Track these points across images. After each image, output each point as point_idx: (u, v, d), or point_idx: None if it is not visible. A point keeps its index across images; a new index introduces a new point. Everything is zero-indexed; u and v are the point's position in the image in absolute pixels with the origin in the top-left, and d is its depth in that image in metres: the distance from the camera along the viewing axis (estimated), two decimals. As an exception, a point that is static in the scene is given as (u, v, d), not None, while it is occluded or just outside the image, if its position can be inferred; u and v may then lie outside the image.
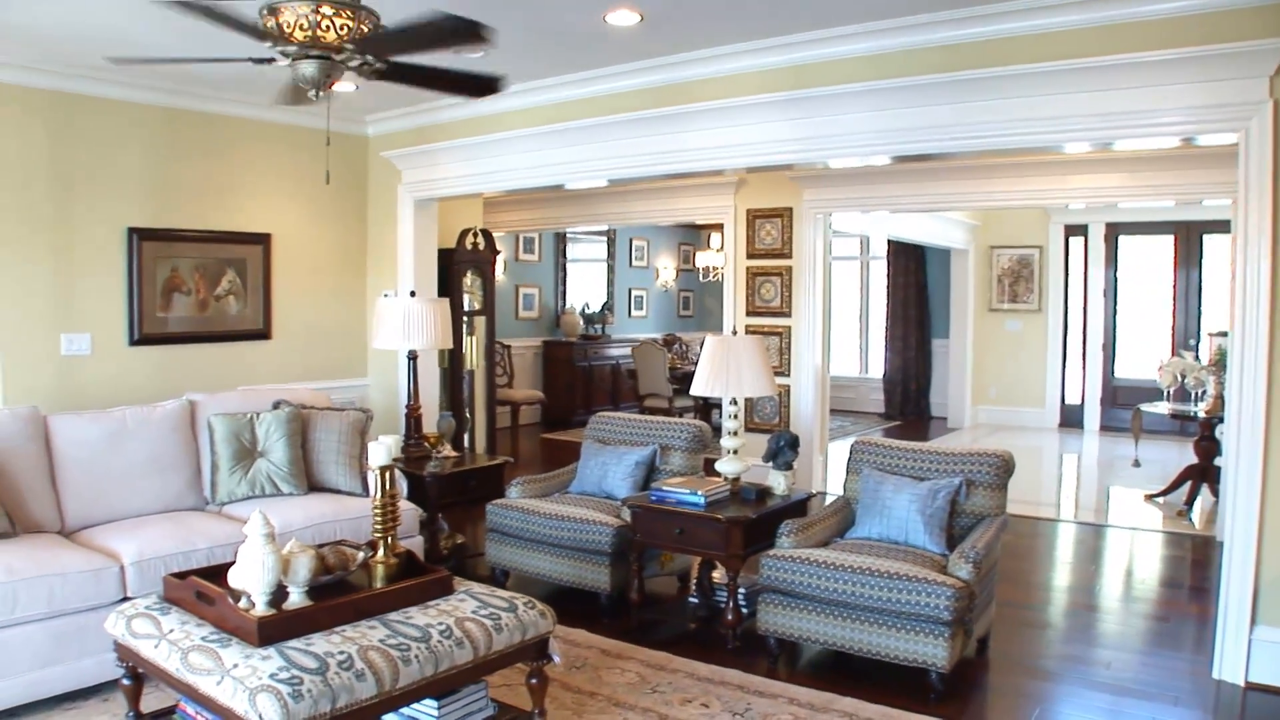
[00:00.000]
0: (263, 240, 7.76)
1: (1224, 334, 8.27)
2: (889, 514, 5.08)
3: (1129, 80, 4.83)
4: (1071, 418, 13.66)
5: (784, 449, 5.64)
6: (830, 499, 6.17)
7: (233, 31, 3.91)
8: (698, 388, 5.58)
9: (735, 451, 5.61)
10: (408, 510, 5.72)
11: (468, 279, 9.05)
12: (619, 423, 6.50)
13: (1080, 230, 13.47)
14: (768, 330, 9.34)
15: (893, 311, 14.90)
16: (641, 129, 6.57)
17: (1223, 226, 11.77)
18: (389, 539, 3.86)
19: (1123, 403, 12.90)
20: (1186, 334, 12.57)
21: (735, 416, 5.66)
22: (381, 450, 3.87)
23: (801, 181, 9.17)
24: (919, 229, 12.45)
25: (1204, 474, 8.38)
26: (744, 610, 5.29)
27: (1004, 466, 5.12)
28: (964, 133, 5.41)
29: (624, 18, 5.44)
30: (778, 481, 5.58)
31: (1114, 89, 4.88)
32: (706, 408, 12.09)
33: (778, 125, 6.03)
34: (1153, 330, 13.11)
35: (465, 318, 8.97)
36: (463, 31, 3.96)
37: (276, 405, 5.86)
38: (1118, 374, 13.46)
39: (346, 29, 3.95)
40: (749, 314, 9.54)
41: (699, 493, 5.26)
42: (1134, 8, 4.79)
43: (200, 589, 3.52)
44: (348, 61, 4.13)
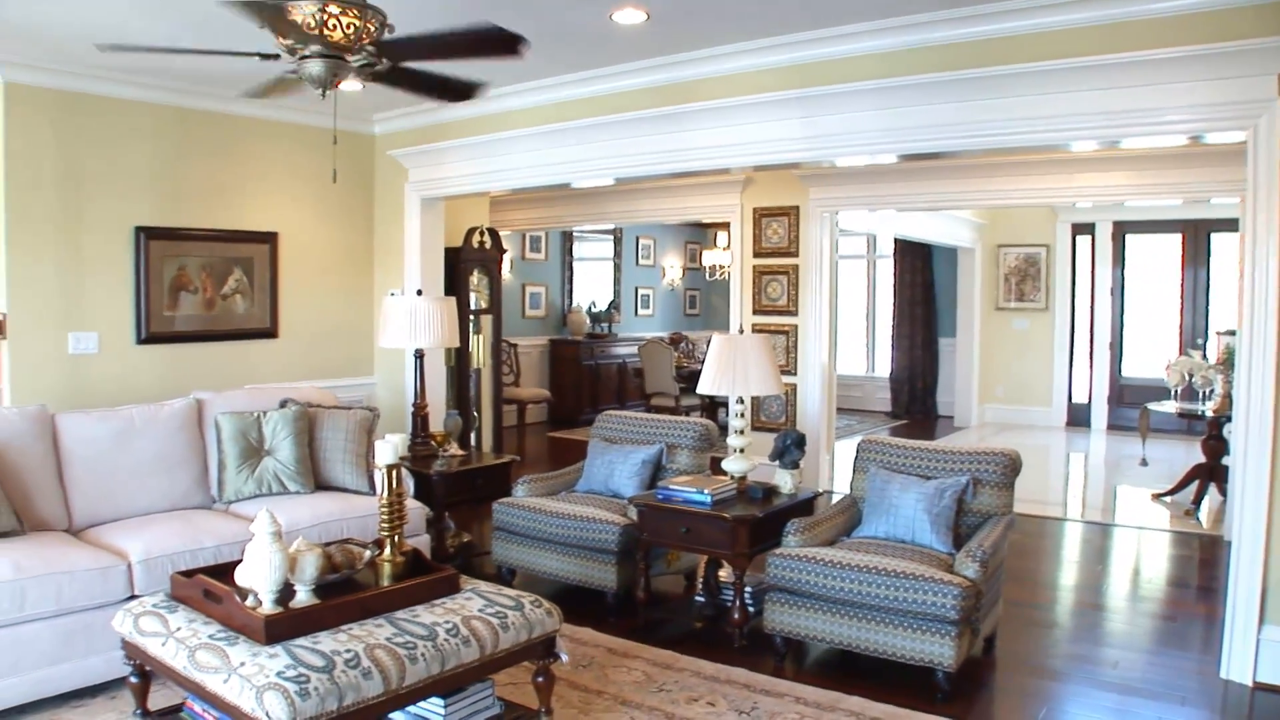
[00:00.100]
0: (269, 239, 7.77)
1: (1232, 333, 8.26)
2: (896, 513, 5.08)
3: (1136, 78, 4.81)
4: (1078, 417, 13.64)
5: (790, 448, 5.64)
6: (837, 498, 6.16)
7: (258, 24, 3.90)
8: (704, 386, 5.57)
9: (742, 450, 5.60)
10: (414, 509, 5.72)
11: (474, 278, 9.05)
12: (625, 421, 6.50)
13: (1087, 229, 13.45)
14: (774, 329, 9.33)
15: (899, 310, 14.88)
16: (648, 128, 6.57)
17: (1231, 225, 11.72)
18: (395, 537, 3.87)
19: (1130, 402, 12.87)
20: (1194, 333, 12.53)
21: (742, 415, 5.65)
22: (388, 449, 3.88)
23: (808, 180, 9.16)
24: (926, 227, 12.44)
25: (1212, 473, 8.36)
26: (750, 609, 5.28)
27: (1011, 465, 5.12)
28: (971, 131, 5.40)
29: (631, 16, 5.44)
30: (784, 480, 5.58)
31: (1121, 87, 4.87)
32: (713, 406, 12.09)
33: (784, 124, 6.02)
34: (1160, 329, 13.08)
35: (472, 316, 8.97)
36: (503, 43, 4.00)
37: (283, 404, 5.87)
38: (1125, 373, 13.43)
39: (354, 28, 3.95)
40: (755, 313, 9.53)
41: (705, 491, 5.26)
42: (1140, 5, 4.78)
43: (207, 587, 3.53)
44: (355, 62, 4.14)
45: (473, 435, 8.72)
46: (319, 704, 2.97)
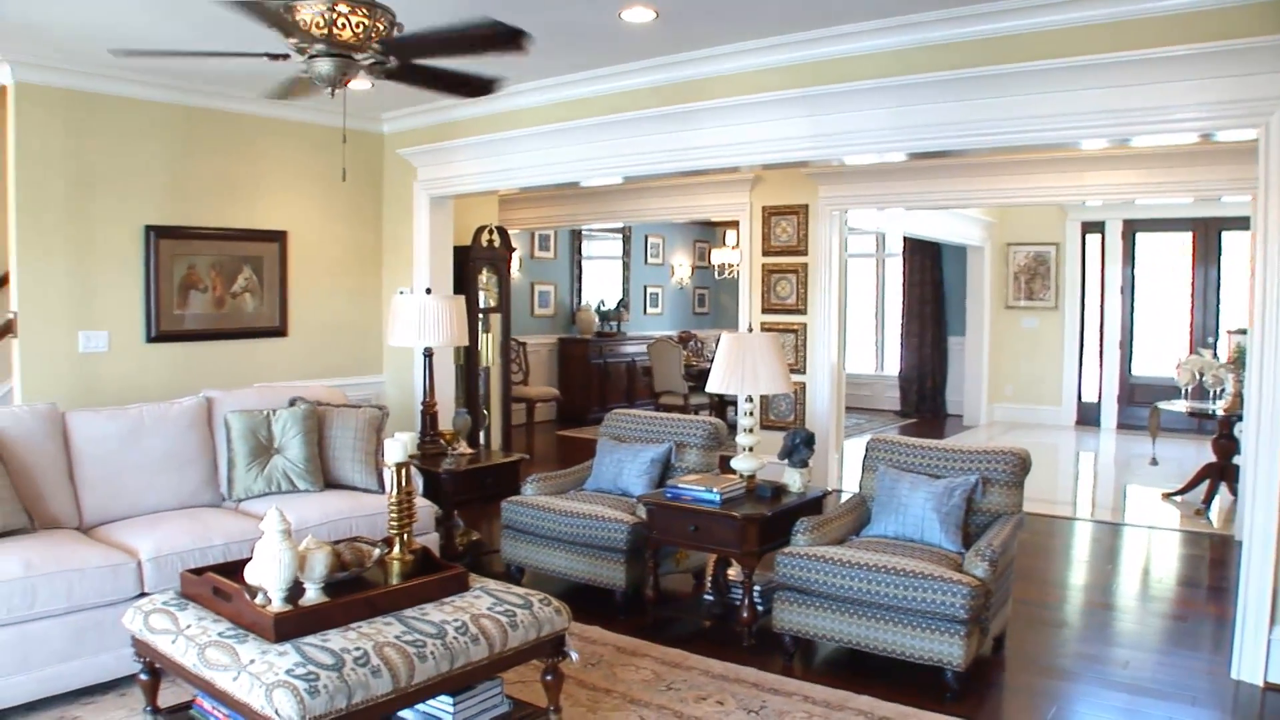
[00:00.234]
0: (279, 238, 7.78)
1: (1243, 331, 8.24)
2: (905, 512, 5.07)
3: (1146, 76, 4.80)
4: (1088, 416, 13.60)
5: (799, 446, 5.63)
6: (846, 497, 6.16)
7: (264, 25, 3.92)
8: (713, 385, 5.57)
9: (750, 449, 5.60)
10: (423, 507, 5.73)
11: (483, 276, 9.06)
12: (634, 420, 6.50)
13: (1097, 227, 13.40)
14: (783, 327, 9.32)
15: (908, 309, 14.86)
16: (656, 126, 6.57)
17: (1242, 223, 11.72)
18: (405, 535, 3.87)
19: (1140, 401, 12.83)
20: (1205, 331, 12.49)
21: (750, 414, 5.65)
22: (397, 447, 3.88)
23: (817, 178, 9.15)
24: (935, 226, 12.41)
25: (1222, 472, 8.33)
26: (759, 608, 5.28)
27: (1020, 464, 5.10)
28: (980, 129, 5.38)
29: (639, 15, 5.43)
30: (793, 479, 5.58)
31: (1131, 85, 4.85)
32: (722, 405, 12.08)
33: (793, 122, 6.01)
34: (1170, 328, 13.04)
35: (481, 315, 8.98)
36: (505, 38, 3.99)
37: (293, 402, 5.88)
38: (1135, 372, 13.38)
39: (362, 27, 3.96)
40: (764, 311, 9.53)
41: (714, 490, 5.26)
42: (1150, 3, 4.76)
43: (217, 585, 3.54)
44: (364, 60, 4.15)
45: (481, 434, 8.73)
46: (328, 702, 2.97)
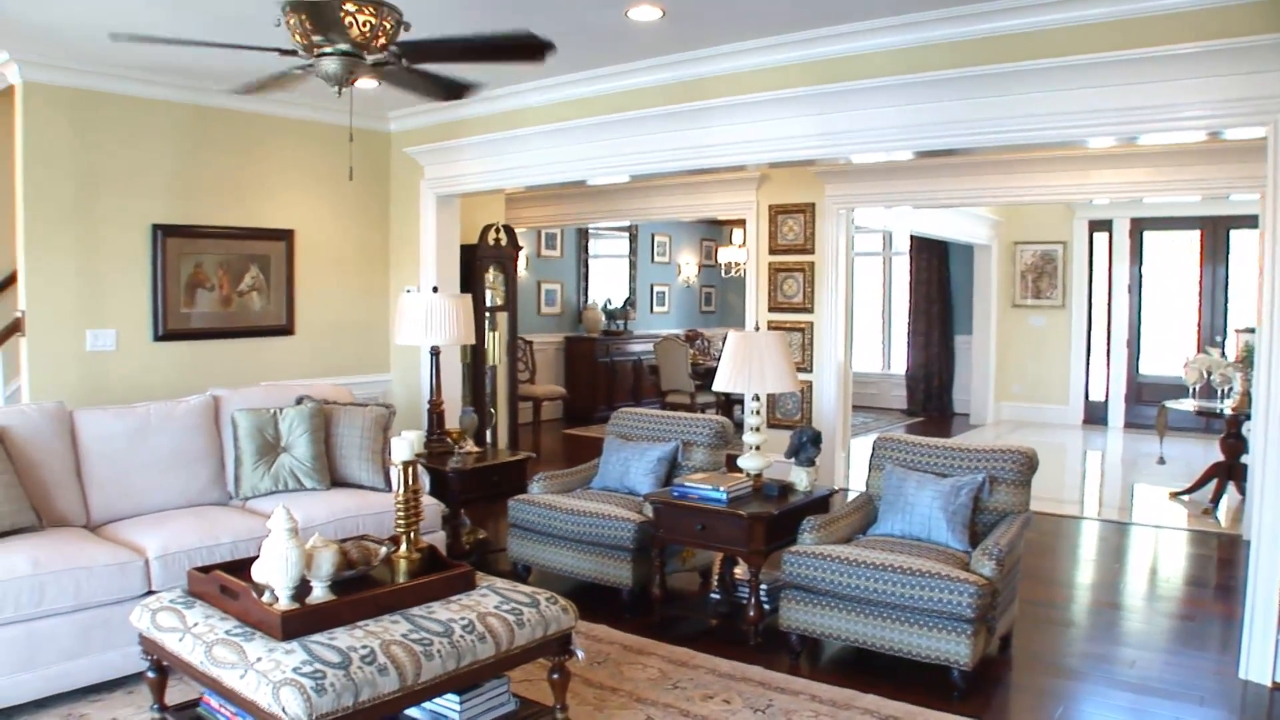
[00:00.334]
0: (285, 236, 7.79)
1: (1251, 330, 8.20)
2: (912, 511, 5.06)
3: (1153, 74, 4.79)
4: (1095, 414, 13.57)
5: (806, 445, 5.63)
6: (853, 495, 6.15)
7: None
8: (720, 384, 5.57)
9: (757, 447, 5.60)
10: (430, 505, 5.73)
11: (490, 275, 9.06)
12: (641, 418, 6.49)
13: (1104, 225, 13.38)
14: (790, 326, 9.31)
15: (915, 307, 14.84)
16: (663, 124, 6.57)
17: (1250, 221, 11.65)
18: (411, 534, 3.88)
19: (1147, 400, 12.81)
20: (1213, 330, 12.46)
21: (757, 412, 5.64)
22: (404, 445, 3.88)
23: (824, 177, 9.14)
24: (942, 224, 12.40)
25: (1230, 472, 8.31)
26: (766, 606, 5.28)
27: (1027, 463, 5.09)
28: (987, 127, 5.37)
29: (646, 13, 5.43)
30: (800, 478, 5.57)
31: (1138, 83, 4.84)
32: (728, 404, 12.08)
33: (800, 120, 6.01)
34: (1178, 326, 13.01)
35: (487, 313, 8.98)
36: (533, 49, 4.03)
37: (299, 401, 5.89)
38: (1142, 370, 13.36)
39: (369, 25, 3.96)
40: (771, 310, 9.52)
41: (721, 489, 5.25)
42: (1158, 0, 4.75)
43: (224, 583, 3.54)
44: (373, 59, 4.15)
45: (488, 432, 8.73)
46: (335, 700, 2.98)
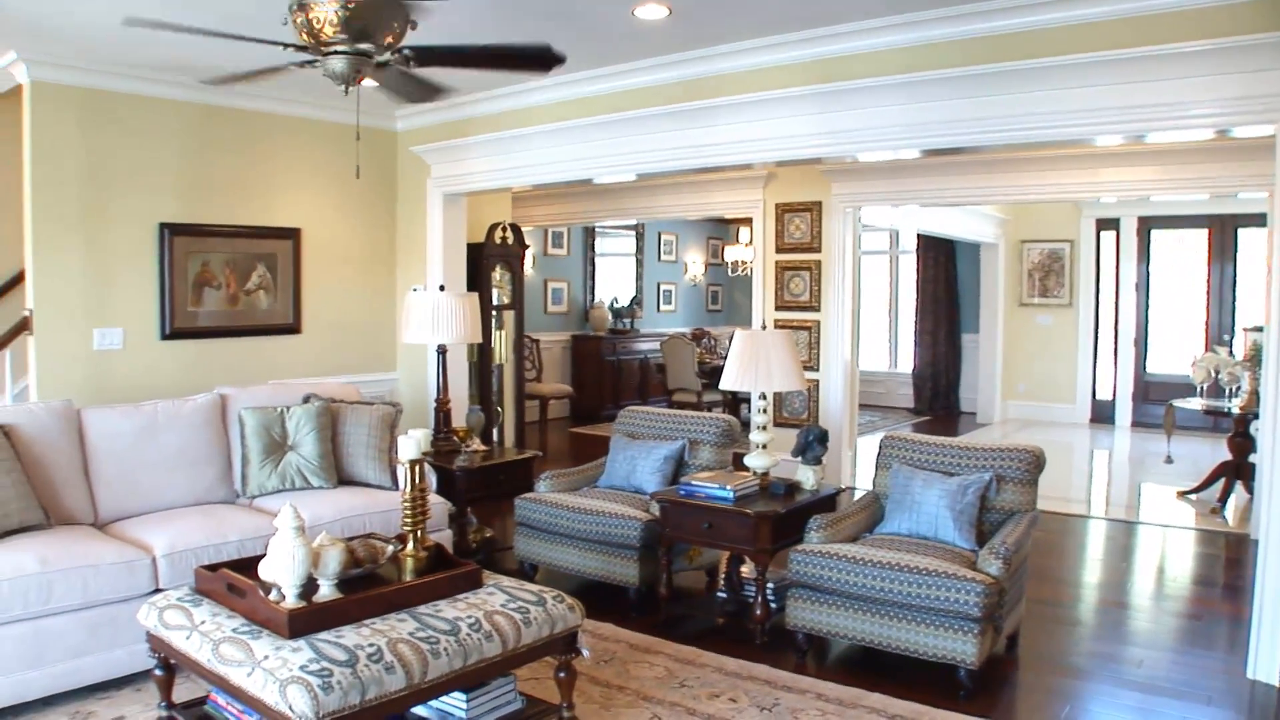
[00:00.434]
0: (292, 235, 7.80)
1: (1259, 329, 8.19)
2: (918, 509, 5.06)
3: (1161, 72, 4.77)
4: (1103, 413, 13.55)
5: (813, 444, 5.62)
6: (859, 494, 6.15)
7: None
8: (727, 382, 5.56)
9: (764, 446, 5.59)
10: (437, 504, 5.73)
11: (496, 273, 9.07)
12: (648, 417, 6.49)
13: (1112, 224, 13.35)
14: (797, 325, 9.31)
15: (922, 306, 14.82)
16: (670, 123, 6.56)
17: (1259, 220, 11.68)
18: (418, 532, 3.88)
19: (1155, 398, 12.78)
20: (1221, 329, 12.44)
21: (764, 411, 5.64)
22: (411, 444, 3.89)
23: (831, 175, 9.13)
24: (949, 223, 12.38)
25: (1238, 470, 8.29)
26: (772, 605, 5.27)
27: (1034, 462, 5.09)
28: (994, 126, 5.36)
29: (652, 11, 5.43)
30: (807, 476, 5.57)
31: (1146, 81, 4.83)
32: (735, 402, 12.07)
33: (806, 119, 6.00)
34: (1186, 325, 12.98)
35: (494, 312, 8.99)
36: (546, 61, 4.04)
37: (306, 399, 5.89)
38: (1150, 369, 13.33)
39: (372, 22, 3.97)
40: (778, 308, 9.51)
41: (728, 487, 5.25)
42: (1166, -2, 4.75)
43: (231, 581, 3.55)
44: (377, 55, 4.16)
45: (495, 431, 8.74)
46: (342, 698, 2.98)
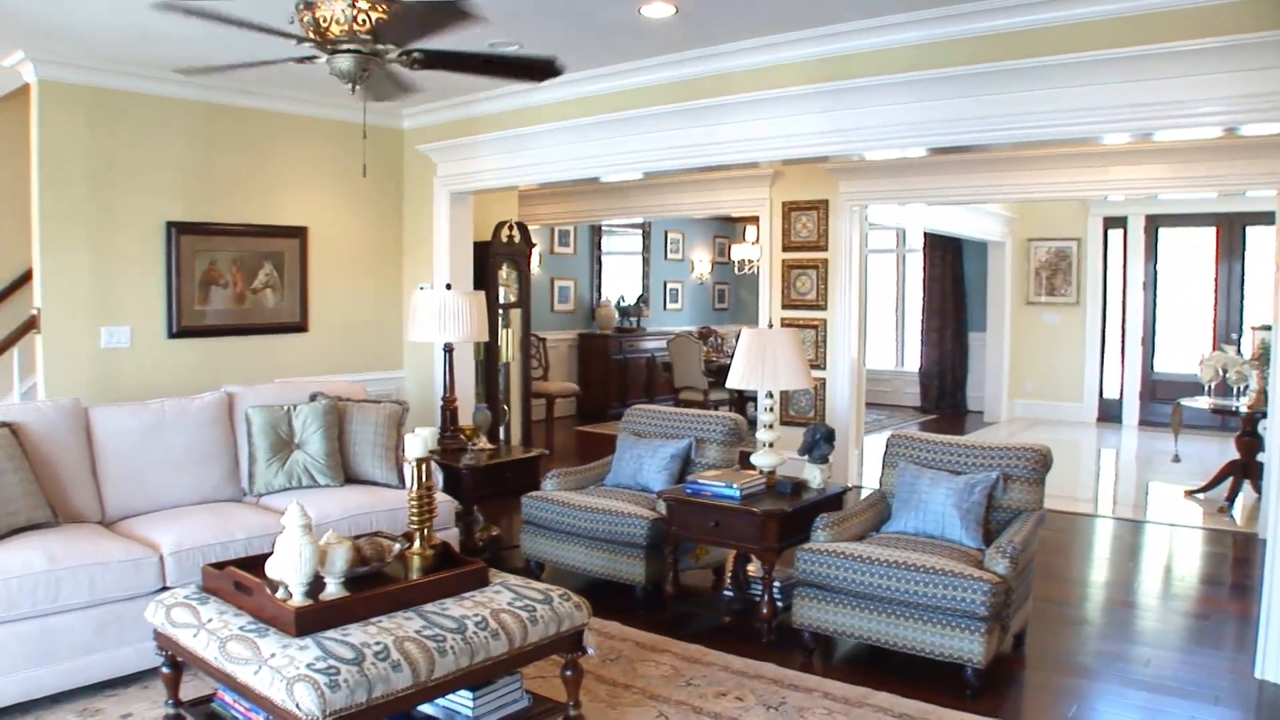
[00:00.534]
0: (299, 233, 7.80)
1: (1267, 327, 8.18)
2: (925, 508, 5.05)
3: (1169, 69, 4.75)
4: (1110, 412, 13.52)
5: (820, 442, 5.61)
6: (866, 493, 6.14)
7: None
8: (734, 381, 5.56)
9: (771, 445, 5.59)
10: (443, 502, 5.73)
11: (503, 272, 9.07)
12: (654, 415, 6.49)
13: (1119, 222, 13.32)
14: (803, 323, 9.30)
15: (929, 304, 14.80)
16: (676, 121, 6.55)
17: (1267, 218, 11.60)
18: (425, 531, 3.88)
19: (1162, 397, 12.76)
20: (1228, 327, 12.39)
21: (771, 409, 5.64)
22: (418, 442, 3.89)
23: (837, 174, 9.12)
24: (955, 221, 12.36)
25: (1246, 470, 8.27)
26: (779, 604, 5.27)
27: (1042, 461, 5.08)
28: (1001, 124, 5.35)
29: (659, 10, 5.42)
30: (813, 475, 5.56)
31: (1154, 78, 4.80)
32: (741, 401, 12.05)
33: (813, 117, 5.99)
34: (1193, 324, 12.94)
35: (501, 310, 8.99)
36: (547, 72, 4.06)
37: (313, 397, 5.90)
38: (1157, 368, 13.30)
39: (381, 22, 3.96)
40: (785, 307, 9.51)
41: (734, 486, 5.25)
42: (1172, -4, 4.73)
43: (238, 579, 3.56)
44: (383, 54, 4.15)
45: (501, 429, 8.75)
46: (349, 696, 2.99)
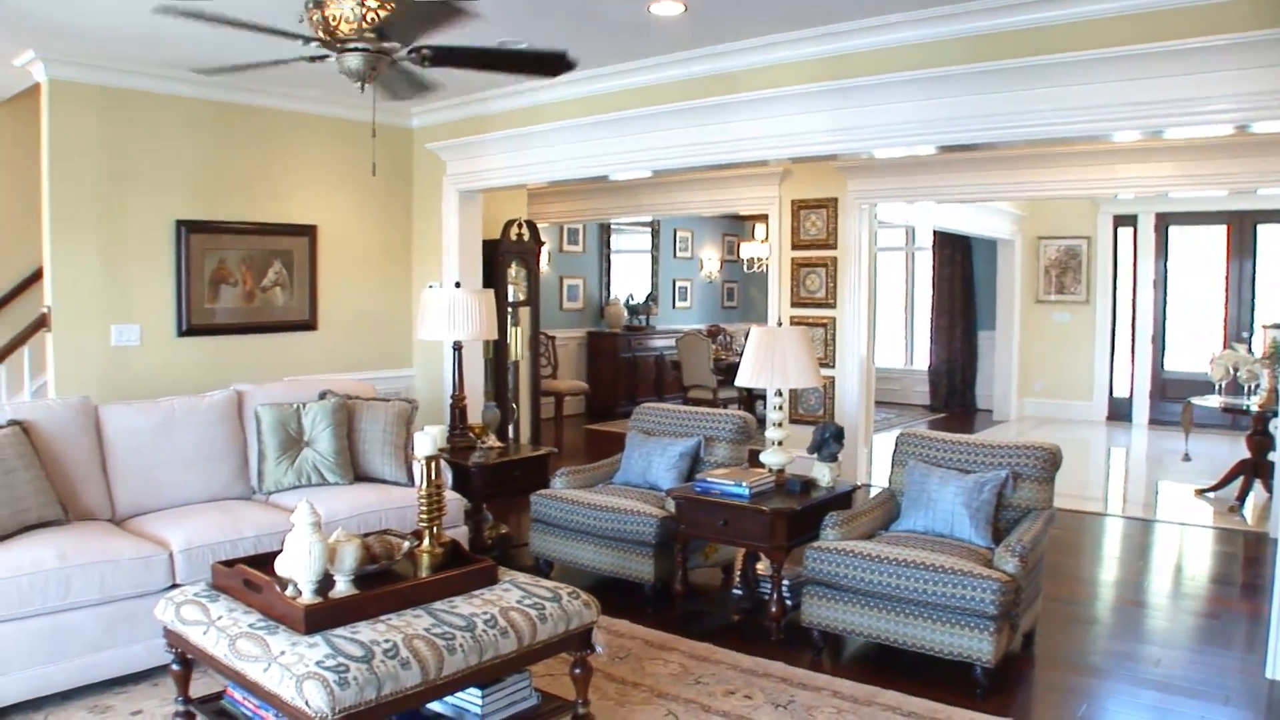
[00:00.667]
0: (308, 232, 7.82)
1: (1278, 326, 8.14)
2: (934, 507, 5.04)
3: (1179, 67, 4.73)
4: (1120, 411, 13.48)
5: (829, 441, 5.61)
6: (875, 491, 6.13)
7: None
8: (743, 379, 5.56)
9: (780, 443, 5.59)
10: (453, 500, 5.73)
11: (512, 270, 9.08)
12: (663, 414, 6.49)
13: (1129, 220, 13.28)
14: (812, 321, 9.29)
15: (938, 303, 14.77)
16: (686, 119, 6.55)
17: (1278, 216, 11.58)
18: (434, 528, 3.89)
19: (1172, 396, 12.70)
20: (1239, 326, 12.35)
21: (780, 408, 5.63)
22: (427, 440, 3.89)
23: (846, 172, 9.11)
24: (965, 219, 12.33)
25: (1257, 469, 8.24)
26: (788, 602, 5.27)
27: (1051, 459, 5.06)
28: (1010, 122, 5.34)
29: (668, 8, 5.42)
30: (822, 473, 5.56)
31: (1164, 76, 4.79)
32: (750, 399, 12.05)
33: (822, 115, 5.99)
34: (1204, 322, 12.89)
35: (510, 309, 9.00)
36: (559, 66, 4.06)
37: (322, 395, 5.91)
38: (1167, 367, 13.25)
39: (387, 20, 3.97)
40: (794, 305, 9.50)
41: (743, 484, 5.24)
42: (1184, -8, 4.71)
43: (248, 577, 3.56)
44: (392, 52, 4.15)
45: (510, 427, 8.75)
46: (358, 693, 2.99)
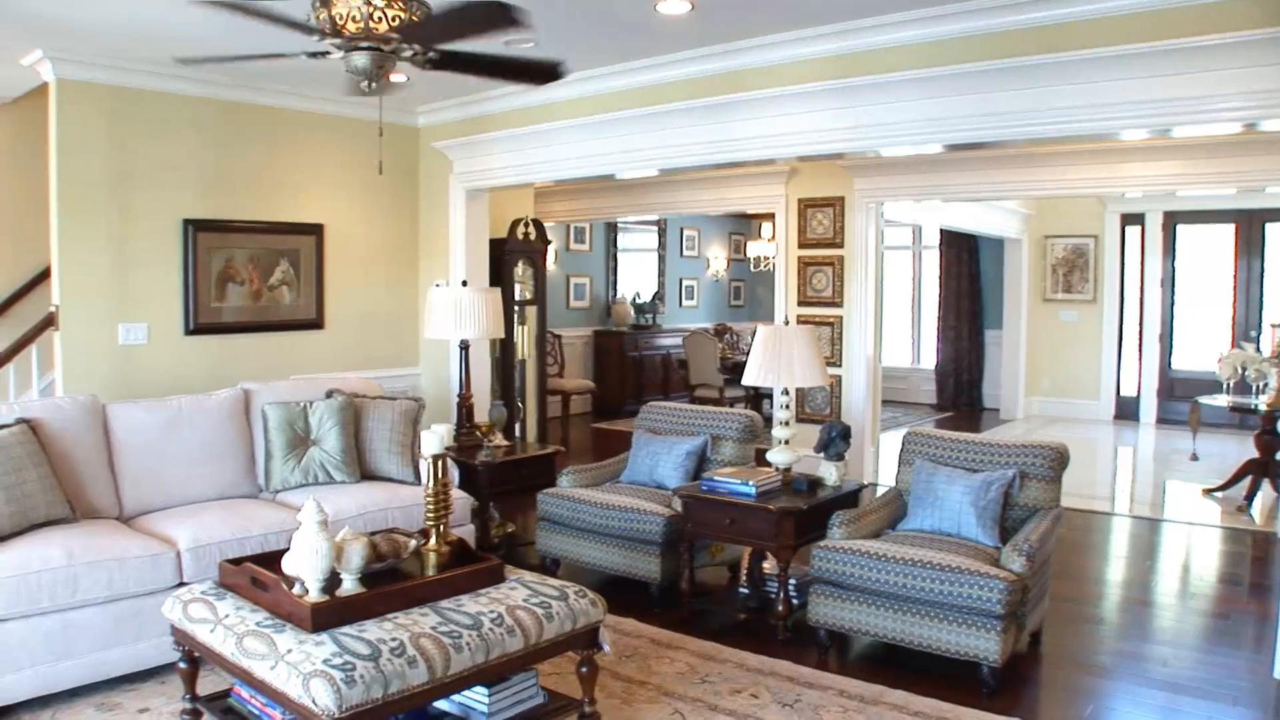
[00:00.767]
0: (315, 231, 7.83)
1: (1287, 325, 8.12)
2: (941, 506, 5.03)
3: (1187, 65, 4.72)
4: (1127, 410, 13.45)
5: (835, 439, 5.60)
6: (882, 490, 6.12)
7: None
8: (749, 378, 5.55)
9: (786, 442, 5.58)
10: (459, 499, 5.73)
11: (519, 269, 9.09)
12: (670, 412, 6.49)
13: (1137, 219, 13.25)
14: (819, 320, 9.29)
15: (945, 302, 14.75)
16: (692, 118, 6.55)
17: (1287, 215, 11.55)
18: (441, 527, 3.89)
19: (1180, 395, 12.67)
20: (1247, 325, 12.31)
21: (786, 407, 5.63)
22: (434, 439, 3.89)
23: (853, 170, 9.10)
24: (972, 218, 12.31)
25: (1265, 468, 8.22)
26: (794, 601, 5.26)
27: (1058, 459, 5.05)
28: (1018, 120, 5.33)
29: (675, 7, 5.42)
30: (829, 472, 5.55)
31: (1172, 74, 4.78)
32: (757, 398, 12.05)
33: (829, 114, 5.98)
34: (1212, 321, 12.85)
35: (516, 307, 9.00)
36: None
37: (329, 394, 5.92)
38: (1175, 366, 13.22)
39: (399, 19, 3.97)
40: (800, 304, 9.49)
41: (750, 483, 5.24)
42: (1193, -10, 4.70)
43: (255, 575, 3.57)
44: (399, 52, 4.15)
45: (517, 426, 8.76)
46: (364, 691, 2.99)
